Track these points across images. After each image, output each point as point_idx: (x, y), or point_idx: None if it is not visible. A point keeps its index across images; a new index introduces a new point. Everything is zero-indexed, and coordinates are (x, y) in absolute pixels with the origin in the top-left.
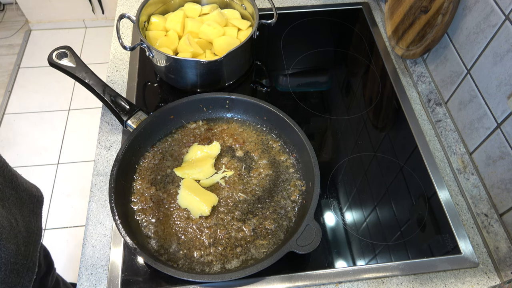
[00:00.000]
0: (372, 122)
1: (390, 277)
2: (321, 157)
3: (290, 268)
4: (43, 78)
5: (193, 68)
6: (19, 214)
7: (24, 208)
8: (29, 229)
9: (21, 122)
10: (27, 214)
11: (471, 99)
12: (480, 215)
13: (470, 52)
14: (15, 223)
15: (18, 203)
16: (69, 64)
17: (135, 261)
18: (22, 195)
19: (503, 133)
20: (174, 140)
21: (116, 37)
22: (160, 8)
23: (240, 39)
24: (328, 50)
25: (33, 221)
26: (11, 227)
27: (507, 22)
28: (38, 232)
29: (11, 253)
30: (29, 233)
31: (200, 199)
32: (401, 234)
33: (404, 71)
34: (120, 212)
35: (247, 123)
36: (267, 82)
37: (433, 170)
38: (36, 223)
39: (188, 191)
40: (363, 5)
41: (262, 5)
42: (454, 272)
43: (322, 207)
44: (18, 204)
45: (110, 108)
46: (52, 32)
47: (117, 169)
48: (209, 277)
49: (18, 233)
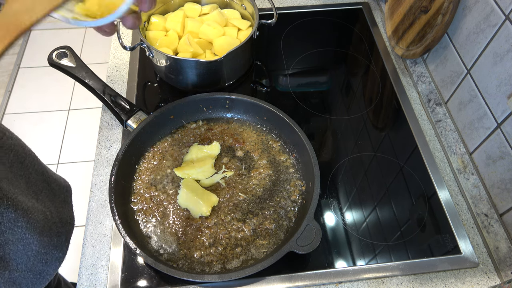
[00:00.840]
0: (372, 122)
1: (390, 277)
2: (321, 157)
3: (290, 268)
4: (43, 78)
5: (193, 68)
6: (53, 206)
7: (56, 199)
8: (62, 219)
9: (21, 122)
10: (60, 205)
11: (471, 99)
12: (480, 215)
13: (470, 52)
14: (50, 215)
15: (50, 195)
16: (69, 64)
17: (135, 261)
18: (53, 187)
19: (503, 133)
20: (174, 140)
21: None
22: (160, 8)
23: (240, 39)
24: (328, 50)
25: (66, 211)
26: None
27: (507, 22)
28: (71, 221)
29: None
30: (63, 223)
31: (200, 200)
32: (401, 234)
33: (404, 71)
34: (120, 212)
35: (247, 123)
36: (267, 82)
37: (433, 170)
38: (69, 213)
39: (188, 191)
40: (363, 5)
41: (262, 5)
42: (454, 272)
43: (322, 207)
44: (51, 195)
45: (110, 108)
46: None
47: (117, 169)
48: (209, 277)
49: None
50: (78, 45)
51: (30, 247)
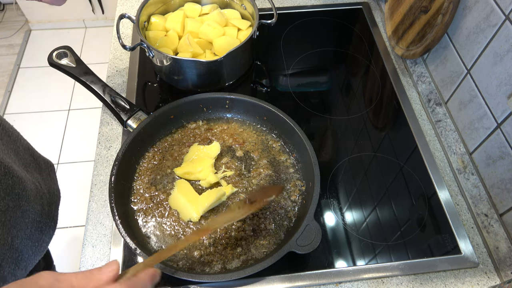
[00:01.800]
0: (372, 122)
1: (390, 277)
2: (321, 157)
3: (290, 268)
4: (43, 78)
5: (193, 68)
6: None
7: (43, 172)
8: (50, 191)
9: (21, 122)
10: (46, 178)
11: (471, 99)
12: (480, 215)
13: (470, 52)
14: (39, 185)
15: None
16: (69, 64)
17: (135, 261)
18: (39, 161)
19: (503, 133)
20: (174, 140)
21: (116, 37)
22: (160, 8)
23: (240, 39)
24: (328, 50)
25: (52, 184)
26: (37, 190)
27: (507, 22)
28: (57, 194)
29: (38, 213)
30: (51, 195)
31: (190, 204)
32: (401, 234)
33: (404, 71)
34: (120, 212)
35: (247, 123)
36: (267, 82)
37: (433, 170)
38: (55, 186)
39: (180, 193)
40: (363, 5)
41: (262, 5)
42: (454, 272)
43: (322, 207)
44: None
45: (110, 108)
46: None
47: (117, 169)
48: (209, 277)
49: (43, 194)
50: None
51: (27, 214)
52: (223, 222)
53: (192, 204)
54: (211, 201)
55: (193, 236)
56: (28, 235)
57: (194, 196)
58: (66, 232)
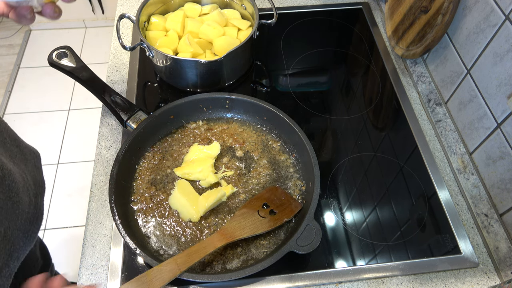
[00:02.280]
0: (372, 122)
1: (390, 277)
2: (321, 157)
3: (290, 268)
4: (43, 78)
5: (193, 68)
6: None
7: (28, 163)
8: (35, 182)
9: (21, 122)
10: (32, 169)
11: (471, 99)
12: (480, 215)
13: (470, 52)
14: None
15: (24, 159)
16: (69, 64)
17: (135, 261)
18: (25, 152)
19: (503, 133)
20: (174, 140)
21: (116, 37)
22: (160, 8)
23: (240, 39)
24: (328, 50)
25: (37, 175)
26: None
27: (507, 22)
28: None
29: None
30: (36, 186)
31: (191, 204)
32: (401, 234)
33: (404, 71)
34: (120, 212)
35: (247, 123)
36: (267, 82)
37: (433, 170)
38: (40, 177)
39: (180, 193)
40: (363, 5)
41: (262, 5)
42: (454, 272)
43: (322, 207)
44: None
45: (110, 108)
46: (52, 32)
47: (117, 169)
48: (209, 277)
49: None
50: (78, 45)
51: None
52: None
53: (192, 204)
54: (211, 201)
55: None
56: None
57: (194, 196)
58: (66, 232)
